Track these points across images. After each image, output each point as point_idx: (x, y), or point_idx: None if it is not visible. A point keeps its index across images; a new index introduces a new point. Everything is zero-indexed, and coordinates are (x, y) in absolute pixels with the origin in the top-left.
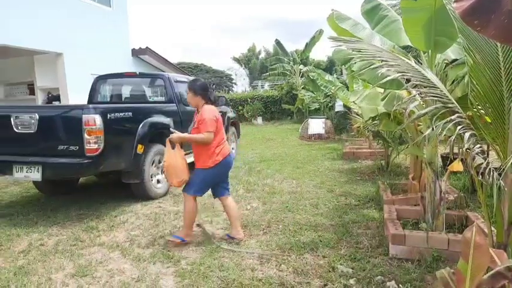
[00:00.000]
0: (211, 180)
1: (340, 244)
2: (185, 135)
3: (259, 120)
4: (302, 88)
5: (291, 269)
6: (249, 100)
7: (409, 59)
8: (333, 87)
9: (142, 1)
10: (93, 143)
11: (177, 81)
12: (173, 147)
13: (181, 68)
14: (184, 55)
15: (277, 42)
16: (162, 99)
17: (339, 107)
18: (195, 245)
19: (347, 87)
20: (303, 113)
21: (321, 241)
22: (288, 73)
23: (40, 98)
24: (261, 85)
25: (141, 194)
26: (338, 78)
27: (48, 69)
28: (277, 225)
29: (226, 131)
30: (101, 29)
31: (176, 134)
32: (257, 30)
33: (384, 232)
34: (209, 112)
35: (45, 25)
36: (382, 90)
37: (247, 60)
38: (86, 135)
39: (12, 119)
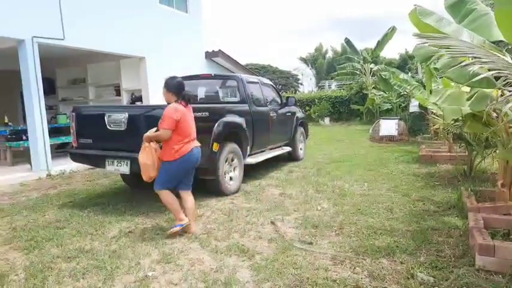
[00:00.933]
0: (174, 173)
1: (419, 251)
2: (149, 133)
3: (327, 120)
4: (373, 88)
5: (366, 272)
6: (316, 100)
7: (504, 55)
8: (408, 87)
9: (214, 5)
10: None
11: (249, 82)
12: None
13: (249, 69)
14: (251, 56)
15: (347, 41)
16: (235, 99)
17: (413, 107)
18: (268, 242)
19: (424, 87)
20: (373, 114)
21: (397, 246)
22: (357, 72)
23: (125, 99)
24: (328, 85)
25: (215, 190)
26: (413, 77)
27: (132, 72)
28: (349, 227)
29: (295, 131)
30: (178, 34)
31: (146, 133)
32: (324, 30)
33: (468, 241)
34: (169, 111)
35: (130, 32)
36: (467, 89)
37: (313, 60)
38: None
39: (106, 118)
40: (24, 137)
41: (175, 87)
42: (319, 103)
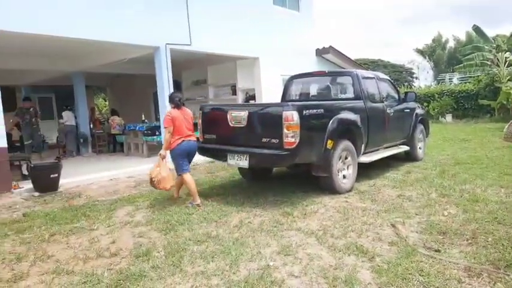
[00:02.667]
0: (176, 158)
1: None
2: (161, 151)
3: (449, 117)
4: (508, 80)
5: None
6: (436, 95)
7: None
8: None
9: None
10: (290, 137)
11: (364, 78)
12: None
13: (359, 64)
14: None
15: (476, 28)
16: (349, 96)
17: None
18: (389, 245)
19: None
20: (508, 110)
21: None
22: (488, 63)
23: (240, 98)
24: (449, 78)
25: (329, 188)
26: None
27: (247, 72)
28: (485, 237)
29: (414, 128)
30: (290, 33)
31: (160, 152)
32: (442, 18)
33: None
34: (165, 115)
35: (246, 34)
36: None
37: (431, 52)
38: (285, 130)
39: (228, 116)
40: (157, 133)
41: (169, 99)
42: (439, 98)
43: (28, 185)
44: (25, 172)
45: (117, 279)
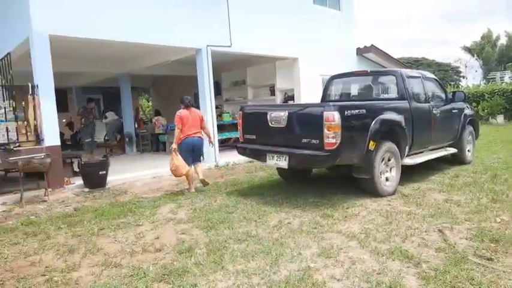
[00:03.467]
0: (182, 152)
1: None
2: (173, 145)
3: (500, 118)
4: None
5: None
6: (486, 95)
7: None
8: None
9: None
10: (331, 138)
11: (409, 77)
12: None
13: (402, 63)
14: (404, 49)
15: None
16: (393, 96)
17: None
18: (435, 251)
19: None
20: None
21: None
22: None
23: (278, 98)
24: (500, 77)
25: (370, 190)
26: None
27: (286, 72)
28: None
29: (462, 130)
30: (330, 32)
31: (172, 146)
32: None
33: None
34: (176, 114)
35: (286, 35)
36: None
37: (480, 50)
38: (325, 131)
39: (268, 116)
40: None
41: (180, 100)
42: (489, 98)
43: (79, 181)
44: (76, 169)
45: (162, 274)
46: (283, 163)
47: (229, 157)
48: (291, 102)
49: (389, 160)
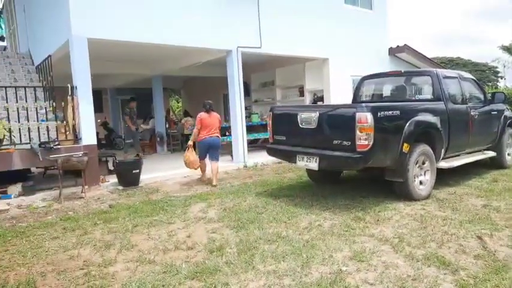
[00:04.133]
0: (200, 148)
1: None
2: (190, 142)
3: None
4: None
5: None
6: None
7: None
8: None
9: None
10: (363, 140)
11: (445, 77)
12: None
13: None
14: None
15: None
16: (428, 97)
17: None
18: (474, 258)
19: None
20: None
21: None
22: None
23: (308, 99)
24: None
25: (403, 194)
26: None
27: (316, 73)
28: None
29: (502, 133)
30: (362, 32)
31: (189, 142)
32: None
33: None
34: (197, 116)
35: (316, 35)
36: None
37: None
38: (358, 132)
39: (298, 117)
40: (227, 133)
41: (202, 105)
42: None
43: (113, 179)
44: (111, 167)
45: (194, 272)
46: (314, 165)
47: (258, 158)
48: (320, 103)
49: (423, 163)
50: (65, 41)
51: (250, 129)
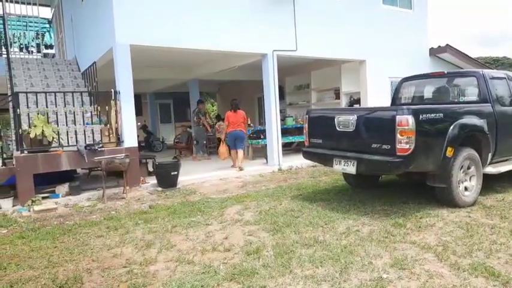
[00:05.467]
0: (229, 140)
1: None
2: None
3: None
4: None
5: None
6: None
7: None
8: None
9: None
10: (404, 143)
11: (492, 78)
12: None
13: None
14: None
15: None
16: (473, 99)
17: None
18: None
19: None
20: None
21: None
22: None
23: (343, 102)
24: None
25: (446, 200)
26: None
27: (352, 75)
28: None
29: None
30: (400, 32)
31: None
32: None
33: None
34: (226, 114)
35: (352, 37)
36: None
37: None
38: (398, 135)
39: (335, 120)
40: (262, 136)
41: (230, 104)
42: None
43: (153, 180)
44: (150, 169)
45: (232, 273)
46: (351, 168)
47: (292, 161)
48: (356, 105)
49: (469, 168)
50: (109, 48)
51: (284, 132)
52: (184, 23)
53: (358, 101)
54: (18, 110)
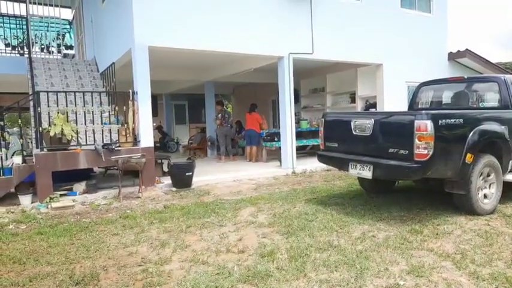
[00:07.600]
0: (245, 137)
1: None
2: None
3: None
4: None
5: None
6: None
7: None
8: None
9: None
10: (422, 148)
11: None
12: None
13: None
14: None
15: None
16: (494, 104)
17: None
18: None
19: None
20: None
21: None
22: None
23: (359, 106)
24: None
25: (465, 207)
26: None
27: (368, 79)
28: None
29: None
30: (418, 36)
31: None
32: None
33: None
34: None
35: (369, 40)
36: None
37: None
38: (416, 141)
39: (352, 124)
40: (276, 139)
41: (249, 107)
42: None
43: (167, 180)
44: (165, 169)
45: (246, 275)
46: (367, 173)
47: (306, 164)
48: (372, 110)
49: (488, 175)
50: (128, 49)
51: (298, 135)
52: (202, 26)
53: (374, 105)
54: (38, 109)
